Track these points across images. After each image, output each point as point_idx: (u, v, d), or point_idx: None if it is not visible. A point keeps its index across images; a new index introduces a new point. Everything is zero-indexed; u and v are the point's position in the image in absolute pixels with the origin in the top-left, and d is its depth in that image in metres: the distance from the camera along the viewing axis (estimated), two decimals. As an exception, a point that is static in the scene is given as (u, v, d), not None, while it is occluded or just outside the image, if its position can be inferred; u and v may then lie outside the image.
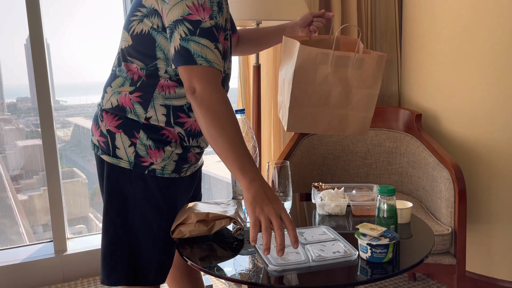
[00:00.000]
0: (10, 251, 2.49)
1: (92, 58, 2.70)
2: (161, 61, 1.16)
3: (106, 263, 1.24)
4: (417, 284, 2.32)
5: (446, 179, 1.90)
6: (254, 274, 1.00)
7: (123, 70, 1.20)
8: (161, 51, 1.16)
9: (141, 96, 1.18)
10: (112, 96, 1.21)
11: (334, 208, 1.36)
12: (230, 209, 1.23)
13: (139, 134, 1.19)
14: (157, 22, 1.14)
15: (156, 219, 1.23)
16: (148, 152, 1.19)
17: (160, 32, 1.14)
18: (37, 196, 2.84)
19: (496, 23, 2.00)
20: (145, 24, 1.15)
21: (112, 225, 1.23)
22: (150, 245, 1.24)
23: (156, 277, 1.26)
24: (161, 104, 1.19)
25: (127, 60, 1.19)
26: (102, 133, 1.22)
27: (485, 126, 2.10)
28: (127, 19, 1.21)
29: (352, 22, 2.49)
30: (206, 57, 1.08)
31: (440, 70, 2.24)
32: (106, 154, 1.22)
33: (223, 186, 3.51)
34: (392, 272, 1.00)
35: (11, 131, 2.76)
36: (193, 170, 1.33)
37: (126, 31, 1.20)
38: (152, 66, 1.17)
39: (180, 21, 1.08)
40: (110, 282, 1.24)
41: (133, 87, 1.18)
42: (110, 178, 1.22)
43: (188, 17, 1.08)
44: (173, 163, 1.23)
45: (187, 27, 1.08)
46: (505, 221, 2.11)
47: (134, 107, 1.19)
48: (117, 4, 2.52)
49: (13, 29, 2.49)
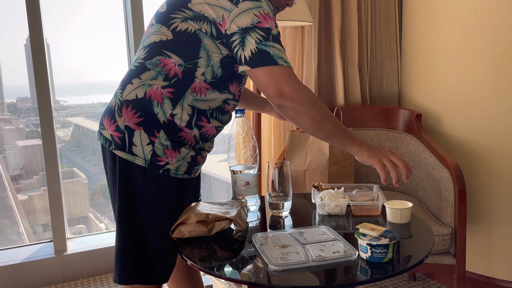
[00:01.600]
0: (10, 251, 2.49)
1: (92, 58, 2.70)
2: (203, 60, 1.19)
3: (119, 261, 1.26)
4: (417, 284, 2.32)
5: (446, 179, 1.90)
6: (254, 274, 1.00)
7: (156, 64, 1.21)
8: (205, 52, 1.19)
9: (173, 93, 1.20)
10: (140, 88, 1.21)
11: (334, 208, 1.36)
12: (232, 211, 1.23)
13: (159, 134, 1.20)
14: (206, 27, 1.17)
15: (167, 219, 1.25)
16: (165, 151, 1.21)
17: (207, 36, 1.18)
18: (37, 196, 2.84)
19: (496, 23, 2.00)
20: (191, 25, 1.18)
21: (126, 223, 1.24)
22: (160, 244, 1.25)
23: (163, 275, 1.28)
24: (189, 104, 1.21)
25: (163, 53, 1.20)
26: (119, 128, 1.22)
27: (485, 126, 2.10)
28: (166, 15, 1.21)
29: (352, 22, 2.49)
30: (284, 59, 1.15)
31: (440, 70, 2.24)
32: (120, 150, 1.22)
33: (223, 186, 3.52)
34: (392, 272, 1.00)
35: (11, 131, 2.76)
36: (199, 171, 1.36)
37: (165, 26, 1.21)
38: (191, 64, 1.19)
39: (251, 29, 1.14)
40: (122, 281, 1.26)
41: (167, 83, 1.20)
42: (124, 175, 1.23)
43: (259, 25, 1.14)
44: (186, 164, 1.25)
45: (260, 34, 1.14)
46: (505, 221, 2.11)
47: (163, 102, 1.20)
48: (117, 4, 2.52)
49: (13, 29, 2.49)
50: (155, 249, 1.25)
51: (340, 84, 2.48)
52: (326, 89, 2.56)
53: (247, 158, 1.39)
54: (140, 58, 1.24)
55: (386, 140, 2.37)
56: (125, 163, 1.22)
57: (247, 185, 1.36)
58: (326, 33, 2.51)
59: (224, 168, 3.32)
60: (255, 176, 1.39)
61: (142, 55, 1.24)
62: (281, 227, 1.29)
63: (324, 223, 1.31)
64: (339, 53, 2.46)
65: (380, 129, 2.40)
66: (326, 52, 2.53)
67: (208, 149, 1.35)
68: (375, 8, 2.57)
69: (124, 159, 1.22)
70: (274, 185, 1.34)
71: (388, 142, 2.36)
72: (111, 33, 2.68)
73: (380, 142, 2.38)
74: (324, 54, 2.52)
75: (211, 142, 1.35)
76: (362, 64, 2.56)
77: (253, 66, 1.14)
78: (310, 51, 2.43)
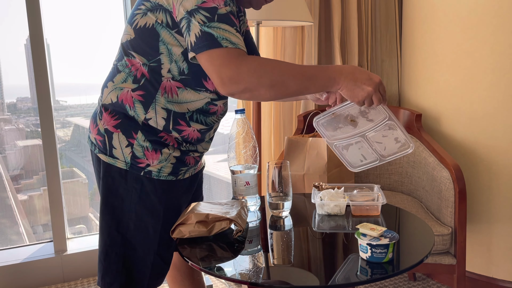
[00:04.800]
0: (10, 251, 2.49)
1: (92, 58, 2.70)
2: (165, 56, 1.13)
3: (101, 264, 1.23)
4: (417, 284, 2.32)
5: (446, 179, 1.89)
6: (254, 274, 1.00)
7: (125, 65, 1.18)
8: (165, 46, 1.13)
9: (143, 96, 1.16)
10: (112, 92, 1.19)
11: (334, 208, 1.36)
12: (232, 211, 1.23)
13: (137, 135, 1.17)
14: (162, 17, 1.11)
15: (152, 222, 1.22)
16: (145, 153, 1.17)
17: (164, 27, 1.11)
18: (37, 196, 2.84)
19: (496, 23, 2.00)
20: (149, 18, 1.12)
21: (107, 226, 1.22)
22: (145, 248, 1.22)
23: (151, 281, 1.25)
24: (162, 107, 1.16)
25: (128, 54, 1.17)
26: (100, 132, 1.20)
27: (485, 126, 2.10)
28: (131, 13, 1.19)
29: (352, 22, 2.49)
30: (230, 39, 1.03)
31: (440, 70, 2.24)
32: (103, 153, 1.20)
33: (223, 186, 3.52)
34: (392, 272, 1.00)
35: (11, 131, 2.76)
36: (193, 172, 1.31)
37: (129, 25, 1.17)
38: (154, 62, 1.14)
39: (196, 10, 1.04)
40: (104, 284, 1.23)
41: (136, 85, 1.16)
42: (106, 178, 1.21)
43: (203, 5, 1.04)
44: (170, 166, 1.21)
45: (204, 15, 1.04)
46: (505, 221, 2.11)
47: (135, 106, 1.16)
48: (117, 4, 2.52)
49: (13, 29, 2.49)
50: (140, 253, 1.22)
51: (340, 84, 2.48)
52: (326, 89, 2.55)
53: (247, 158, 1.39)
54: (114, 59, 1.23)
55: (386, 140, 2.36)
56: (108, 166, 1.20)
57: (247, 185, 1.36)
58: (326, 33, 2.51)
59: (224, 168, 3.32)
60: (255, 176, 1.39)
61: (116, 57, 1.23)
62: (281, 228, 1.29)
63: (323, 223, 1.31)
64: (339, 53, 2.46)
65: (380, 129, 2.40)
66: (326, 52, 2.53)
67: (202, 150, 1.30)
68: (375, 8, 2.57)
69: (106, 163, 1.20)
70: (274, 185, 1.34)
71: (388, 142, 2.36)
72: (111, 33, 2.68)
73: (380, 142, 2.38)
74: (324, 54, 2.52)
75: (206, 143, 1.30)
76: (362, 64, 2.56)
77: (197, 52, 1.04)
78: (310, 51, 2.43)
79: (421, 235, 1.21)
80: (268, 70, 1.03)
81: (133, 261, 1.22)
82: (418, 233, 1.23)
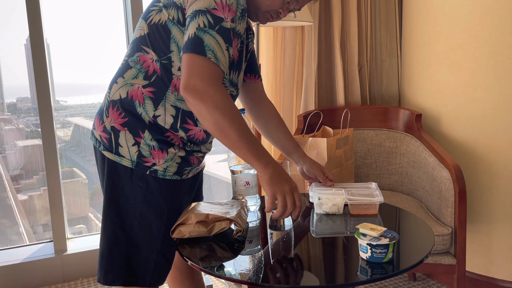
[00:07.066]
0: (10, 251, 2.49)
1: (92, 58, 2.70)
2: (175, 54, 1.15)
3: (103, 262, 1.23)
4: (417, 284, 2.32)
5: (446, 179, 1.90)
6: (254, 274, 1.00)
7: (136, 61, 1.18)
8: (175, 44, 1.14)
9: (154, 92, 1.17)
10: (122, 88, 1.19)
11: (332, 207, 1.36)
12: (232, 211, 1.23)
13: (144, 134, 1.18)
14: (174, 14, 1.13)
15: (156, 221, 1.22)
16: (151, 152, 1.18)
17: (175, 24, 1.13)
18: (37, 196, 2.84)
19: (496, 23, 2.00)
20: (163, 15, 1.15)
21: (111, 224, 1.22)
22: (148, 247, 1.23)
23: (153, 279, 1.25)
24: (171, 105, 1.18)
25: (141, 49, 1.18)
26: (106, 129, 1.21)
27: (485, 126, 2.10)
28: (147, 9, 1.20)
29: (352, 22, 2.49)
30: (216, 53, 1.07)
31: (440, 70, 2.24)
32: (108, 150, 1.20)
33: (223, 186, 3.52)
34: (392, 272, 1.00)
35: (11, 131, 2.76)
36: (195, 172, 1.33)
37: (144, 20, 1.19)
38: (165, 59, 1.15)
39: (203, 12, 1.07)
40: (106, 282, 1.23)
41: (147, 81, 1.17)
42: (111, 176, 1.21)
43: (213, 11, 1.07)
44: (176, 165, 1.22)
45: (208, 20, 1.07)
46: (505, 221, 2.11)
47: (145, 102, 1.17)
48: (117, 4, 2.52)
49: (13, 29, 2.49)
50: (143, 252, 1.22)
51: (340, 84, 2.48)
52: (326, 89, 2.56)
53: (247, 158, 1.39)
54: (125, 55, 1.24)
55: (386, 140, 2.37)
56: (113, 164, 1.20)
57: (247, 185, 1.36)
58: (326, 33, 2.51)
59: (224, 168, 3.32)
60: (255, 176, 1.39)
61: (127, 53, 1.23)
62: (281, 228, 1.29)
63: (321, 222, 1.31)
64: (339, 53, 2.46)
65: (380, 129, 2.40)
66: (326, 52, 2.53)
67: (206, 150, 1.32)
68: (375, 8, 2.57)
69: (111, 160, 1.20)
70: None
71: (388, 142, 2.36)
72: (111, 33, 2.68)
73: (380, 142, 2.38)
74: (324, 54, 2.52)
75: (209, 143, 1.32)
76: (362, 64, 2.56)
77: (184, 51, 1.07)
78: (310, 51, 2.43)
79: (421, 235, 1.21)
80: (227, 112, 1.06)
81: (136, 259, 1.23)
82: (418, 233, 1.23)
